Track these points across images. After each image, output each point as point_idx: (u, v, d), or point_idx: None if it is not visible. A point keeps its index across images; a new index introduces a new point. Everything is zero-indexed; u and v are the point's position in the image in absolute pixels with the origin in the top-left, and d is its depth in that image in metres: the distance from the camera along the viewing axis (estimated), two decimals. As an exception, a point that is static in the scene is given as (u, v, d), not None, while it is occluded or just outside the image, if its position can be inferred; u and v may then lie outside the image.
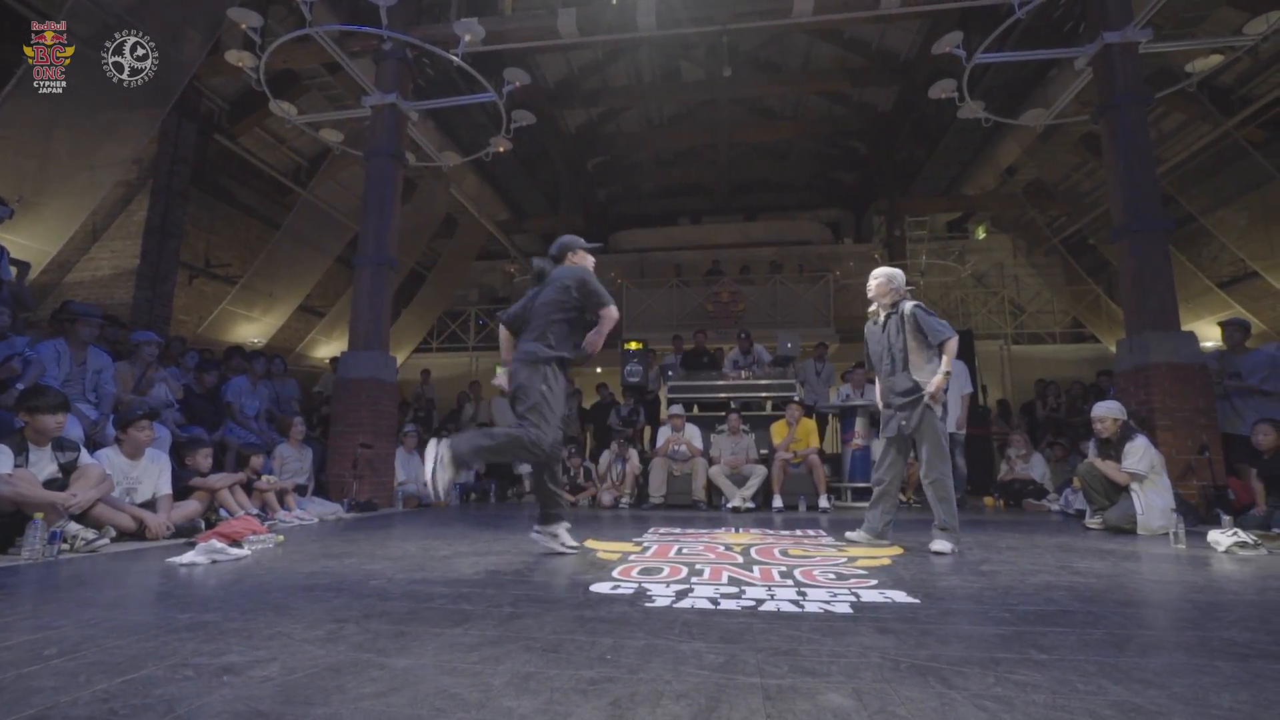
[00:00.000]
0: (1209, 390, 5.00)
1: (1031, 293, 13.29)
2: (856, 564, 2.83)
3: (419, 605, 1.96)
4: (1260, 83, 8.36)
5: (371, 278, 6.03)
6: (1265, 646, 1.57)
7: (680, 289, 12.16)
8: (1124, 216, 5.53)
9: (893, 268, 3.38)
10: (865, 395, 7.36)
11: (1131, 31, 5.62)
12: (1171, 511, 3.66)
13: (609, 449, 6.74)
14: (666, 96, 11.85)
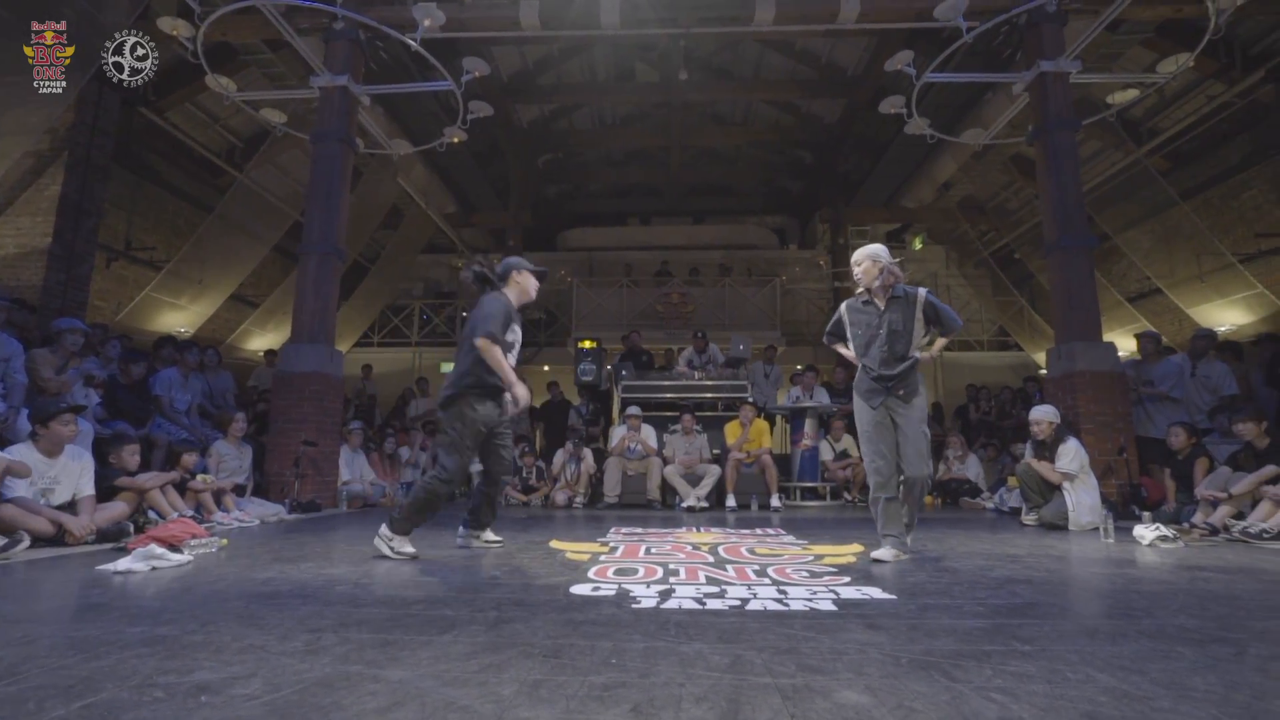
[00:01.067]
0: (1127, 396, 5.41)
1: (962, 302, 13.97)
2: (824, 561, 2.90)
3: (396, 612, 1.88)
4: (1165, 117, 9.10)
5: (317, 267, 5.74)
6: (1213, 632, 1.70)
7: (630, 289, 12.17)
8: (1054, 233, 5.91)
9: (871, 246, 3.16)
10: (814, 397, 7.59)
11: (1064, 62, 6.01)
12: (1102, 508, 3.93)
13: (563, 448, 6.66)
14: (620, 96, 11.82)
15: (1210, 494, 4.07)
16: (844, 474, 7.12)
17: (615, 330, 10.80)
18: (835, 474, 7.10)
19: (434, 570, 2.59)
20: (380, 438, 6.82)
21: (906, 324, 3.06)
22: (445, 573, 2.54)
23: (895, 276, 3.09)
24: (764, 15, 6.25)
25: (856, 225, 13.46)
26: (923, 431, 3.04)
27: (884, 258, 3.09)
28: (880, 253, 3.11)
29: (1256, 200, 8.23)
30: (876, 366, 3.09)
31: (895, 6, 6.34)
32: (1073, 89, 6.42)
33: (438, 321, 12.19)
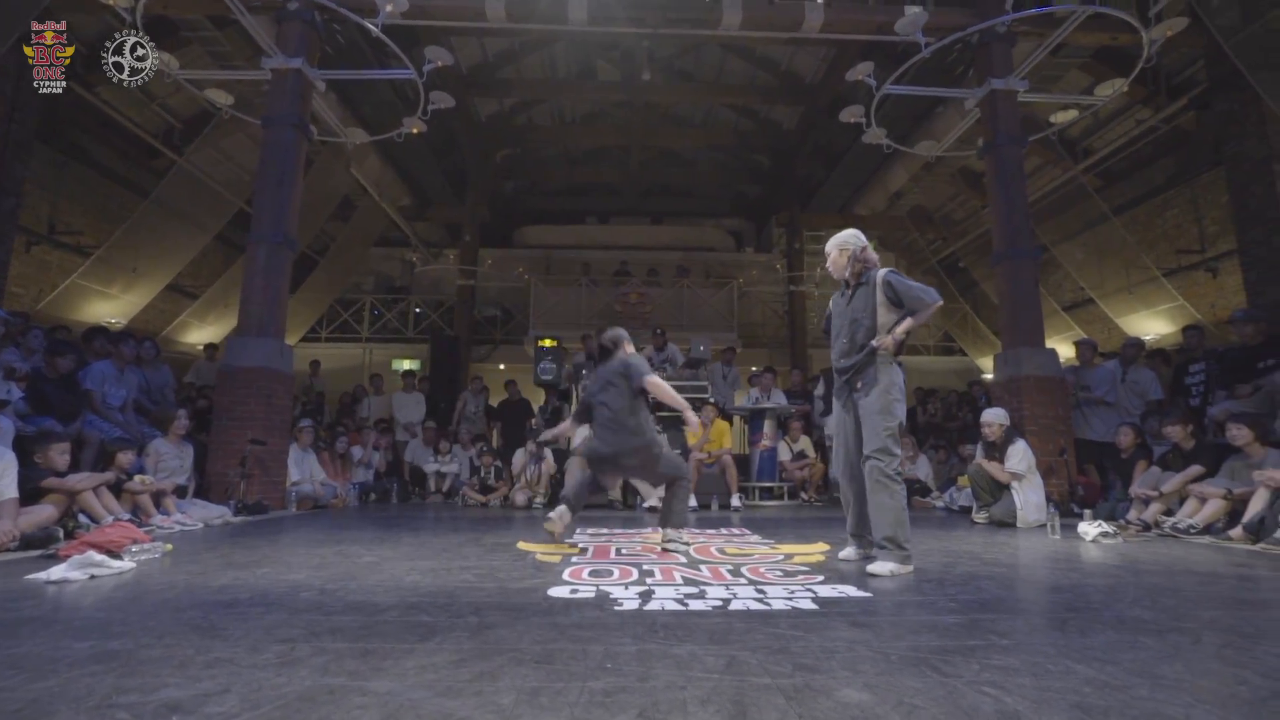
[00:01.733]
0: (1067, 400, 5.70)
1: (909, 308, 14.51)
2: (795, 561, 2.93)
3: (370, 619, 1.80)
4: (1098, 138, 9.66)
5: (267, 258, 5.47)
6: (1168, 623, 1.80)
7: (589, 288, 12.10)
8: (1002, 244, 6.18)
9: (840, 233, 2.98)
10: (772, 398, 7.72)
11: (1013, 81, 6.29)
12: (1048, 506, 4.12)
13: (523, 448, 6.56)
14: (581, 94, 11.75)
15: (1143, 492, 4.33)
16: (801, 474, 7.27)
17: (573, 329, 10.72)
18: (793, 474, 7.23)
19: (402, 575, 2.50)
20: (331, 437, 6.56)
21: (868, 311, 2.82)
22: (415, 577, 2.45)
23: (864, 263, 2.90)
24: (731, 20, 6.31)
25: (812, 230, 13.76)
26: (883, 420, 2.73)
27: (852, 244, 2.92)
28: (848, 240, 2.93)
29: (1177, 219, 8.82)
30: (835, 360, 2.95)
31: (856, 19, 6.51)
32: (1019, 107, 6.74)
33: (389, 317, 11.83)
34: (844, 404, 2.97)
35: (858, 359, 2.84)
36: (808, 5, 6.38)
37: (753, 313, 13.72)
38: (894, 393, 2.79)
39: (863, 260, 2.92)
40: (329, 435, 6.60)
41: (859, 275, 2.91)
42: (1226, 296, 7.85)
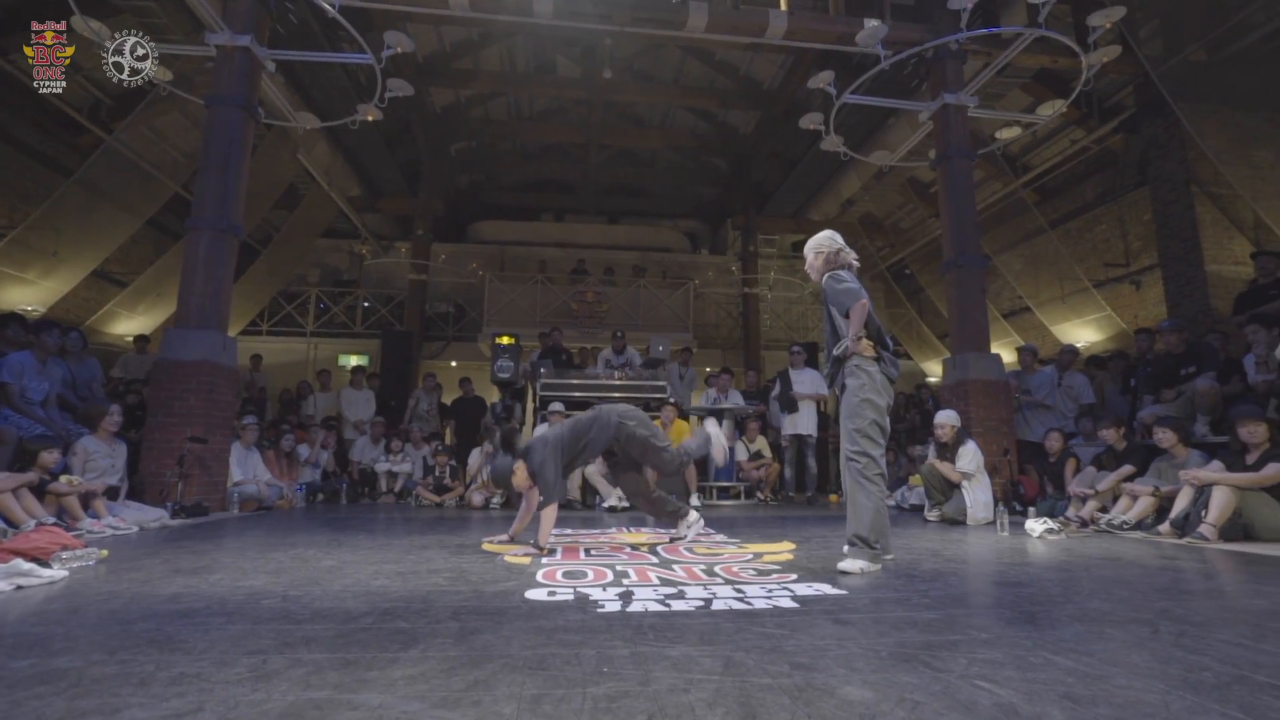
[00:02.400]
0: (1010, 403, 5.99)
1: (857, 312, 14.96)
2: (765, 560, 2.97)
3: (344, 627, 1.71)
4: (1036, 155, 10.21)
5: (209, 245, 5.16)
6: (1126, 614, 1.90)
7: (545, 285, 11.97)
8: (952, 252, 6.44)
9: (821, 234, 3.01)
10: (730, 399, 7.81)
11: (963, 96, 6.56)
12: (997, 504, 4.31)
13: (479, 447, 6.42)
14: (540, 89, 11.60)
15: (1080, 491, 4.59)
16: (757, 474, 7.39)
17: (528, 327, 10.59)
18: (749, 474, 7.34)
19: (369, 579, 2.40)
20: (276, 435, 6.25)
21: (829, 317, 2.92)
22: (383, 581, 2.36)
23: (837, 265, 2.93)
24: (697, 22, 6.35)
25: (766, 234, 14.01)
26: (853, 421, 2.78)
27: (826, 246, 2.95)
28: (822, 243, 2.96)
29: (1105, 234, 9.40)
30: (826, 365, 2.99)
31: (818, 28, 6.65)
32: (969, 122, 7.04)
33: (336, 311, 11.39)
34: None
35: (830, 368, 2.92)
36: (772, 12, 6.49)
37: (707, 314, 13.87)
38: (863, 393, 2.79)
39: (835, 262, 2.95)
40: (274, 433, 6.29)
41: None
42: (1148, 308, 8.41)
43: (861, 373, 2.84)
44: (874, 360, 2.84)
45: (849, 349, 2.81)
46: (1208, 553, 3.36)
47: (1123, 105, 8.45)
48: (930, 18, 6.77)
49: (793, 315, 14.56)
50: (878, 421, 2.79)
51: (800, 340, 11.90)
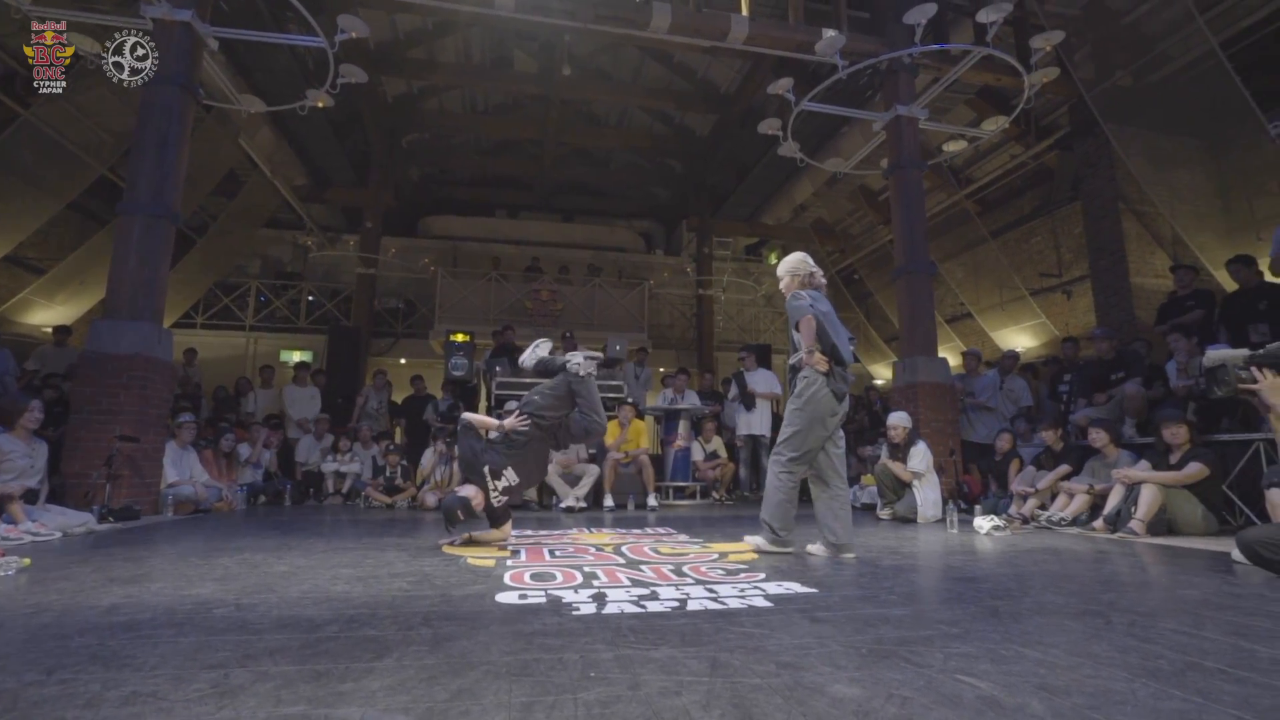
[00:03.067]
0: (956, 405, 6.24)
1: (808, 316, 15.32)
2: (731, 559, 2.99)
3: (309, 637, 1.63)
4: (978, 168, 10.69)
5: (144, 232, 4.83)
6: (1079, 606, 2.00)
7: (499, 282, 11.78)
8: (903, 259, 6.66)
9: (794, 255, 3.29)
10: (686, 399, 7.86)
11: (915, 109, 6.80)
12: (946, 502, 4.48)
13: (432, 447, 6.24)
14: (495, 83, 11.40)
15: (1022, 489, 4.82)
16: (713, 474, 7.45)
17: (481, 324, 10.40)
18: (705, 474, 7.40)
19: (328, 585, 2.29)
20: (214, 434, 5.92)
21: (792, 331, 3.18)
22: (343, 586, 2.26)
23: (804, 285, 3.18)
24: (660, 23, 6.36)
25: (720, 236, 14.18)
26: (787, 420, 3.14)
27: (800, 269, 3.21)
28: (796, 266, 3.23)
29: (1040, 246, 9.92)
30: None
31: (778, 35, 6.76)
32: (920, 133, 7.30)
33: (278, 305, 10.89)
34: None
35: (790, 374, 3.21)
36: (734, 17, 6.57)
37: (661, 314, 13.94)
38: (797, 403, 3.11)
39: (808, 284, 3.22)
40: (212, 432, 5.95)
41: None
42: (1079, 316, 8.92)
43: (807, 384, 3.10)
44: (824, 374, 3.07)
45: (802, 360, 3.10)
46: (1137, 546, 3.58)
47: (1058, 124, 8.93)
48: (884, 31, 6.99)
49: (745, 317, 14.78)
50: (810, 428, 3.08)
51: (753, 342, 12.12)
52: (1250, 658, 1.48)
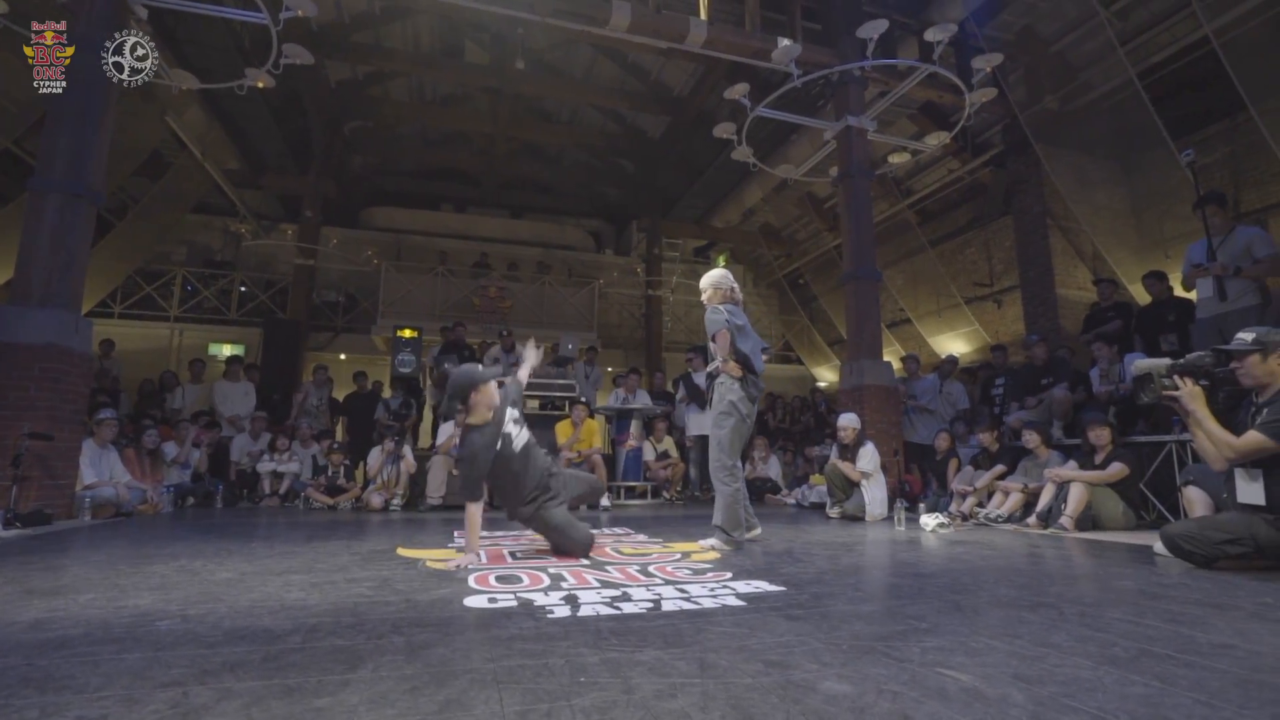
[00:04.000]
0: (899, 407, 6.49)
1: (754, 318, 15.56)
2: (693, 559, 3.00)
3: (270, 649, 1.53)
4: (918, 180, 11.15)
5: (59, 211, 4.44)
6: (1031, 599, 2.10)
7: (446, 278, 11.48)
8: (850, 265, 6.87)
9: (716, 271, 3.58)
10: (638, 399, 7.87)
11: (864, 120, 7.03)
12: (897, 501, 4.65)
13: (379, 446, 6.01)
14: (445, 73, 11.10)
15: (961, 488, 5.06)
16: (664, 473, 7.50)
17: (427, 320, 10.11)
18: (656, 473, 7.43)
19: (280, 592, 2.16)
20: (137, 430, 5.51)
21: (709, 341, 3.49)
22: (298, 594, 2.14)
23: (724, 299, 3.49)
24: (619, 21, 6.34)
25: (670, 238, 14.29)
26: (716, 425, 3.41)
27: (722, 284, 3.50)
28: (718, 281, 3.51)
29: (974, 257, 10.44)
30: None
31: (735, 41, 6.86)
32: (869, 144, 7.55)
33: (207, 295, 10.24)
34: None
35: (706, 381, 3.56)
36: (693, 20, 6.62)
37: (610, 314, 13.91)
38: (721, 407, 3.41)
39: (728, 298, 3.47)
40: (134, 429, 5.54)
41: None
42: (1009, 324, 9.44)
43: (726, 389, 3.41)
44: (738, 380, 3.39)
45: (719, 368, 3.43)
46: (1067, 541, 3.81)
47: (992, 142, 9.42)
48: (835, 44, 7.20)
49: (693, 319, 14.91)
50: (736, 429, 3.39)
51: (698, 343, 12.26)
52: (1191, 643, 1.59)
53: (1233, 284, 4.44)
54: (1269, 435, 2.61)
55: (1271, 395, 2.75)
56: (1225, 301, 4.43)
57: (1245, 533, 2.67)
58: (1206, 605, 2.04)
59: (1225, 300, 4.42)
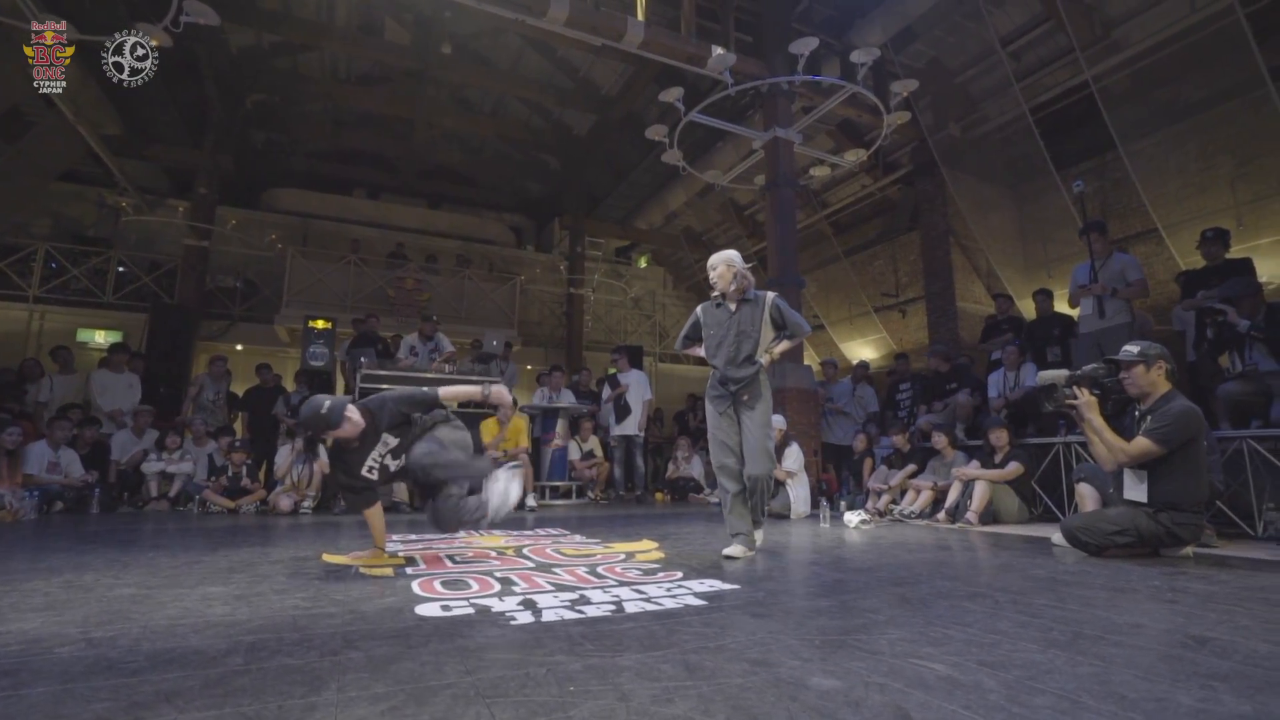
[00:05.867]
0: (818, 409, 6.78)
1: (674, 320, 15.85)
2: (639, 559, 2.99)
3: (209, 672, 1.37)
4: (833, 193, 11.74)
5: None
6: (967, 590, 2.25)
7: (358, 267, 10.85)
8: (775, 271, 7.12)
9: (727, 251, 3.26)
10: (561, 397, 7.77)
11: (791, 132, 7.31)
12: (820, 499, 4.85)
13: (290, 444, 5.59)
14: (362, 50, 10.49)
15: (877, 486, 5.36)
16: (590, 473, 7.45)
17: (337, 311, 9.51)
18: (582, 473, 7.37)
19: (201, 607, 1.95)
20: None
21: (755, 327, 3.10)
22: (223, 608, 1.93)
23: (749, 281, 3.17)
24: (557, 14, 6.23)
25: (593, 237, 14.23)
26: (766, 433, 3.10)
27: (738, 263, 3.16)
28: (735, 258, 3.18)
29: (882, 269, 11.11)
30: (723, 368, 3.13)
31: (671, 45, 6.92)
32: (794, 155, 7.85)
33: (76, 274, 9.10)
34: (723, 411, 3.18)
35: (747, 373, 3.08)
36: (630, 20, 6.62)
37: (531, 311, 13.68)
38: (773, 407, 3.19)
39: (746, 278, 3.18)
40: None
41: (743, 292, 3.16)
42: (912, 333, 10.12)
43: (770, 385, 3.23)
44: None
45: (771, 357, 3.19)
46: (973, 534, 4.13)
47: (901, 162, 10.07)
48: (766, 56, 7.44)
49: (614, 319, 14.94)
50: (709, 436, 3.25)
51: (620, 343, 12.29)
52: (1111, 625, 1.76)
53: (1110, 303, 4.97)
54: (1156, 441, 2.94)
55: (1153, 403, 3.10)
56: (1104, 319, 4.94)
57: (1130, 525, 2.99)
58: (1110, 589, 2.26)
59: (1104, 318, 4.94)
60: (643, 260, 16.38)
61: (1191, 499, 2.96)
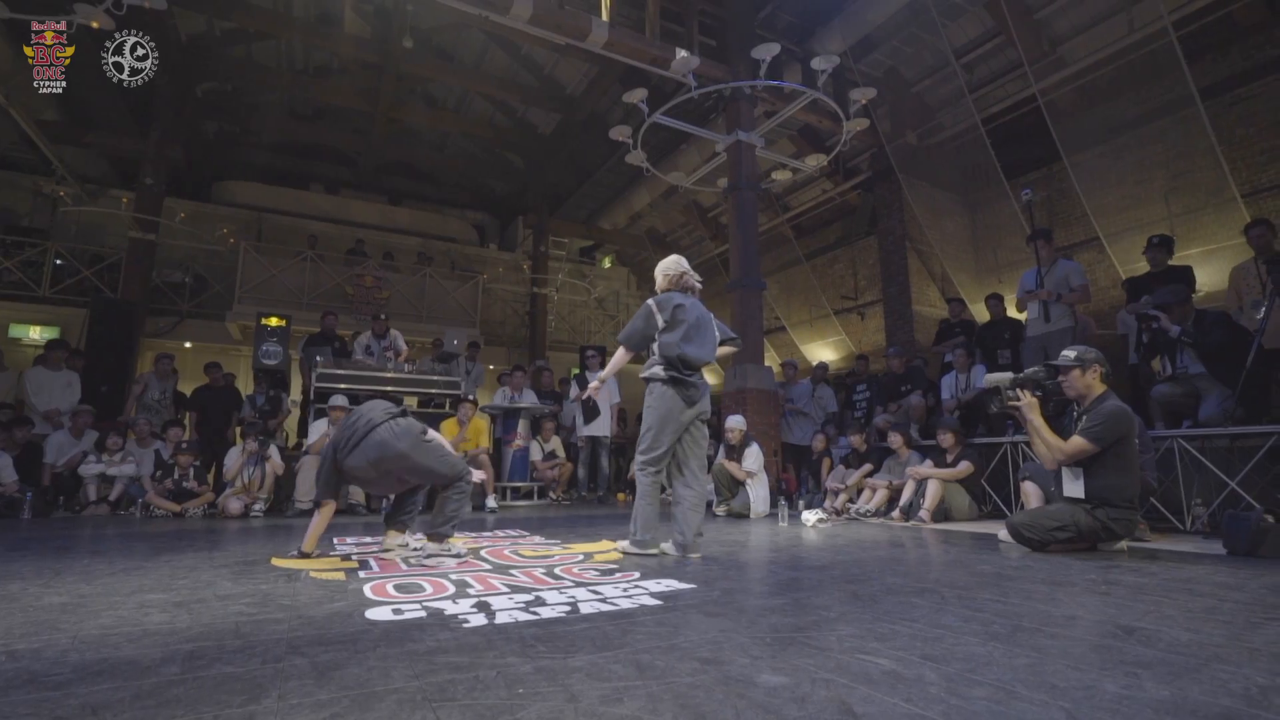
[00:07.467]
0: (778, 410, 6.88)
1: (638, 320, 15.89)
2: (596, 559, 2.99)
3: (142, 683, 1.32)
4: (795, 197, 11.92)
5: None
6: (915, 586, 2.31)
7: (315, 263, 10.56)
8: (737, 273, 7.20)
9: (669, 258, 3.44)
10: (524, 397, 7.70)
11: (754, 136, 7.40)
12: (780, 498, 4.92)
13: (240, 445, 5.40)
14: (320, 40, 10.21)
15: (834, 485, 5.46)
16: (551, 474, 7.40)
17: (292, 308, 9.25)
18: (544, 474, 7.32)
19: (137, 615, 1.86)
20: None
21: None
22: (160, 615, 1.85)
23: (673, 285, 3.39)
24: (521, 11, 6.19)
25: (557, 236, 14.16)
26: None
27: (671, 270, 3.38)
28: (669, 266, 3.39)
29: (841, 272, 11.33)
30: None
31: (635, 46, 6.94)
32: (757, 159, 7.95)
33: (8, 266, 8.63)
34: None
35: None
36: (595, 20, 6.61)
37: (493, 310, 13.53)
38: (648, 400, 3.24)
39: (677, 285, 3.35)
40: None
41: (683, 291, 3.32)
42: (870, 335, 10.34)
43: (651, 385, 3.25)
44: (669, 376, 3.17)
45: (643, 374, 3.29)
46: (925, 531, 4.25)
47: (860, 168, 10.29)
48: (730, 60, 7.52)
49: (578, 319, 14.89)
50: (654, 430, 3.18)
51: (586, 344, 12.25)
52: (1048, 617, 1.83)
53: (1055, 308, 5.18)
54: (1089, 439, 3.08)
55: (1089, 404, 3.25)
56: (1049, 323, 5.15)
57: (1070, 520, 3.12)
58: (1050, 583, 2.36)
59: (1049, 322, 5.15)
60: (607, 260, 16.37)
61: (1123, 495, 3.10)
